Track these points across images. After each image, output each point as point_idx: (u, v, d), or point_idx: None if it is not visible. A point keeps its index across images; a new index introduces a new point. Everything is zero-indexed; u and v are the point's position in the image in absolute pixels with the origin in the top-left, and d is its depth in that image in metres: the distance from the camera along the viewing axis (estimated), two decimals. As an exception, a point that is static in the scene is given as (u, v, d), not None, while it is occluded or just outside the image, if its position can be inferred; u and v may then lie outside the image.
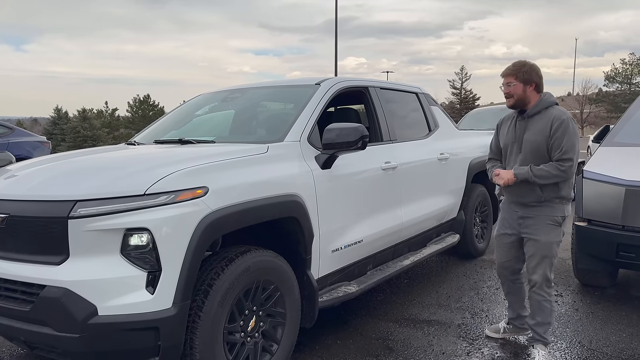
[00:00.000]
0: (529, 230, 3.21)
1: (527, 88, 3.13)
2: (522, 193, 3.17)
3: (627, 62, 55.99)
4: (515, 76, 3.13)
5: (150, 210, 2.38)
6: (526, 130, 3.16)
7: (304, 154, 3.25)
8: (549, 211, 3.15)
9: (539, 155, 3.09)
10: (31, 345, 2.58)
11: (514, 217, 3.29)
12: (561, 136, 3.02)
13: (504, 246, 3.41)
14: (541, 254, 3.17)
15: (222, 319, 2.60)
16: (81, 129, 37.10)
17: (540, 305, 3.23)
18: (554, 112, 3.11)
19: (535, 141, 3.10)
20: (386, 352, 3.40)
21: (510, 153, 3.26)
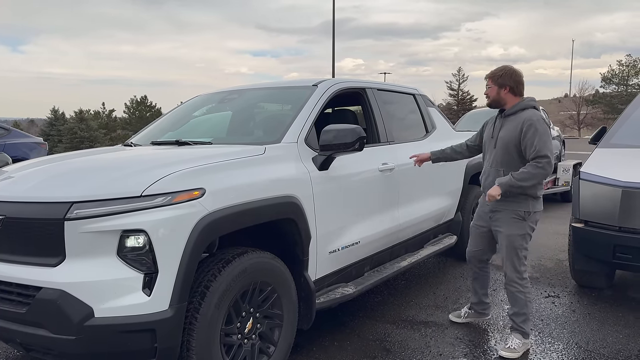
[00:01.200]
0: (497, 224, 3.48)
1: (501, 91, 3.44)
2: (490, 186, 3.41)
3: (624, 64, 56.16)
4: (492, 79, 3.48)
5: (146, 211, 2.37)
6: (502, 128, 3.45)
7: (301, 156, 3.25)
8: (514, 206, 3.37)
9: (507, 151, 3.38)
10: (27, 347, 2.56)
11: (486, 210, 3.56)
12: (532, 136, 3.24)
13: (476, 236, 3.71)
14: (506, 244, 3.41)
15: (219, 321, 2.59)
16: (78, 130, 37.01)
17: (514, 296, 3.45)
18: (526, 114, 3.35)
19: (505, 138, 3.38)
20: (383, 354, 3.40)
21: (488, 148, 3.58)
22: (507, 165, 3.37)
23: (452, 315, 3.95)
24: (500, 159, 3.41)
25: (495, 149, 3.45)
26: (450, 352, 3.40)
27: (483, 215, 3.61)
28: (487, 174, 3.51)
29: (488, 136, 3.58)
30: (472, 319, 3.89)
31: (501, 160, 3.41)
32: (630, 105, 5.30)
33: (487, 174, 3.52)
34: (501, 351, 3.36)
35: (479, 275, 3.81)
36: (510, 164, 3.35)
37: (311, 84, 3.86)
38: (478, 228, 3.69)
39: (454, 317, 3.93)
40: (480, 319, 3.89)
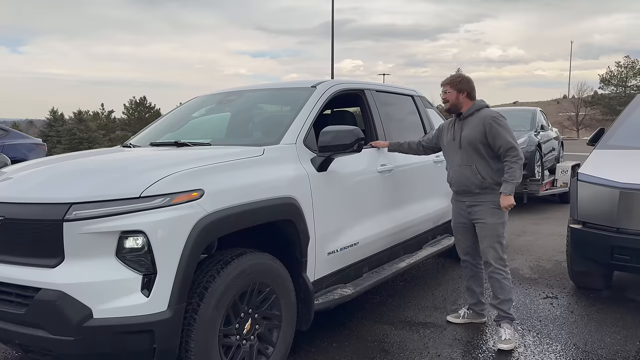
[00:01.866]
0: (477, 216, 3.66)
1: (459, 95, 3.67)
2: (466, 182, 3.64)
3: (622, 65, 56.28)
4: (450, 85, 3.69)
5: (145, 212, 2.38)
6: (463, 129, 3.66)
7: (300, 157, 3.26)
8: (492, 197, 3.59)
9: (474, 148, 3.59)
10: (26, 348, 2.56)
11: (463, 207, 3.74)
12: (497, 132, 3.51)
13: (462, 234, 3.85)
14: (489, 233, 3.60)
15: (217, 322, 2.59)
16: (77, 131, 36.93)
17: (501, 283, 3.61)
18: (484, 113, 3.63)
19: (470, 137, 3.60)
20: (382, 355, 3.40)
21: (450, 150, 3.76)
22: (477, 161, 3.60)
23: (451, 317, 3.96)
24: (469, 156, 3.61)
25: (462, 148, 3.64)
26: (449, 353, 3.41)
27: (461, 212, 3.78)
28: (460, 172, 3.67)
29: (449, 139, 3.75)
30: (470, 319, 3.91)
31: (470, 157, 3.61)
32: (628, 107, 5.32)
33: (458, 172, 3.68)
34: (500, 345, 3.45)
35: (475, 272, 3.90)
36: (479, 159, 3.59)
37: (310, 85, 3.86)
38: (461, 225, 3.83)
39: (452, 318, 3.95)
40: (478, 320, 3.91)
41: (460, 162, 3.67)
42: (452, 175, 3.76)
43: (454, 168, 3.73)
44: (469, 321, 3.90)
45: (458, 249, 3.95)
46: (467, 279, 3.95)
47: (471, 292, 3.94)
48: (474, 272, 3.90)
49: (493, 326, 3.85)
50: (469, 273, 3.93)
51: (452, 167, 3.77)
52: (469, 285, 3.94)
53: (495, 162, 3.60)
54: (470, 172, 3.61)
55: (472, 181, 3.62)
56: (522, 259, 5.76)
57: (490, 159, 3.60)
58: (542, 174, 9.18)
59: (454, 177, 3.75)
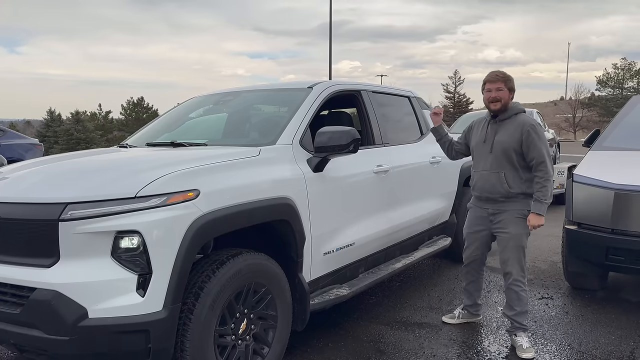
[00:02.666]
0: (500, 225, 3.49)
1: (511, 95, 3.45)
2: (491, 190, 3.46)
3: (619, 67, 56.46)
4: (504, 82, 3.42)
5: (141, 212, 2.38)
6: (497, 133, 3.45)
7: (296, 157, 3.27)
8: (518, 205, 3.43)
9: (506, 155, 3.40)
10: (21, 348, 2.56)
11: (484, 214, 3.58)
12: (533, 143, 3.33)
13: (476, 241, 3.69)
14: (513, 244, 3.46)
15: (213, 322, 2.60)
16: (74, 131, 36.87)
17: (519, 295, 3.50)
18: (523, 118, 3.43)
19: (505, 142, 3.39)
20: (377, 355, 3.41)
21: (479, 153, 3.56)
22: (507, 169, 3.41)
23: (446, 318, 3.96)
24: (499, 163, 3.42)
25: (492, 153, 3.45)
26: (444, 354, 3.42)
27: (481, 219, 3.61)
28: (486, 178, 3.48)
29: (479, 141, 3.56)
30: (465, 319, 3.91)
31: (500, 164, 3.42)
32: (624, 108, 5.35)
33: (485, 178, 3.49)
34: (524, 354, 3.35)
35: (477, 278, 3.84)
36: (510, 167, 3.40)
37: (306, 86, 3.87)
38: (477, 233, 3.66)
39: (447, 319, 3.94)
40: (473, 320, 3.92)
41: (488, 167, 3.47)
42: (477, 180, 3.57)
43: (480, 173, 3.53)
44: (464, 321, 3.90)
45: (466, 254, 3.79)
46: (467, 282, 3.88)
47: (468, 294, 3.90)
48: (475, 277, 3.83)
49: (489, 327, 3.86)
50: (469, 278, 3.85)
51: (477, 171, 3.57)
52: (467, 287, 3.89)
53: (525, 172, 3.42)
54: (498, 180, 3.42)
55: (497, 189, 3.44)
56: (518, 259, 5.77)
57: (521, 169, 3.41)
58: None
59: (478, 183, 3.55)
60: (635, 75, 56.16)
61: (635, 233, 3.86)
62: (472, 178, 3.63)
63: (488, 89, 3.47)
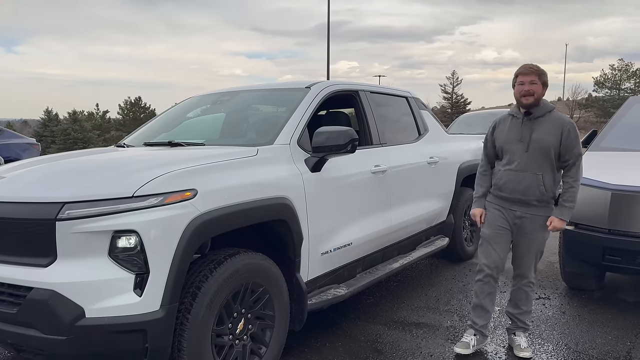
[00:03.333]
0: (527, 230, 3.29)
1: (544, 91, 3.24)
2: (526, 191, 3.21)
3: (616, 68, 56.65)
4: (538, 76, 3.20)
5: (138, 212, 2.38)
6: (533, 130, 3.21)
7: (294, 157, 3.27)
8: (545, 211, 3.26)
9: (545, 154, 3.18)
10: (18, 348, 2.56)
11: (510, 215, 3.31)
12: (574, 143, 3.20)
13: (500, 244, 3.33)
14: (536, 250, 3.34)
15: (210, 322, 2.60)
16: (71, 131, 36.85)
17: (528, 295, 3.43)
18: (560, 116, 3.26)
19: (545, 140, 3.17)
20: (375, 355, 3.41)
21: (513, 152, 3.26)
22: (545, 169, 3.19)
23: (459, 348, 3.38)
24: (537, 162, 3.18)
25: (528, 152, 3.19)
26: (441, 353, 3.42)
27: (505, 221, 3.32)
28: (521, 179, 3.21)
29: (512, 139, 3.26)
30: (480, 345, 3.44)
31: (538, 164, 3.18)
32: (621, 109, 5.37)
33: (519, 178, 3.22)
34: (522, 353, 3.34)
35: (494, 289, 3.42)
36: (548, 167, 3.20)
37: (304, 86, 3.87)
38: (501, 232, 3.33)
39: (461, 349, 3.37)
40: (484, 343, 3.49)
41: (523, 167, 3.20)
42: (507, 179, 3.26)
43: (512, 172, 3.24)
44: (479, 347, 3.44)
45: (486, 260, 3.36)
46: (483, 296, 3.39)
47: (483, 312, 3.41)
48: (493, 289, 3.40)
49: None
50: (487, 290, 3.38)
51: (509, 171, 3.26)
52: (483, 303, 3.39)
53: (557, 174, 3.25)
54: (535, 181, 3.18)
55: (533, 191, 3.19)
56: (515, 260, 5.78)
57: (556, 170, 3.23)
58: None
59: (510, 183, 3.25)
60: (632, 76, 56.38)
61: (633, 233, 3.87)
62: (499, 177, 3.32)
63: (521, 82, 3.21)
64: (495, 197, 3.40)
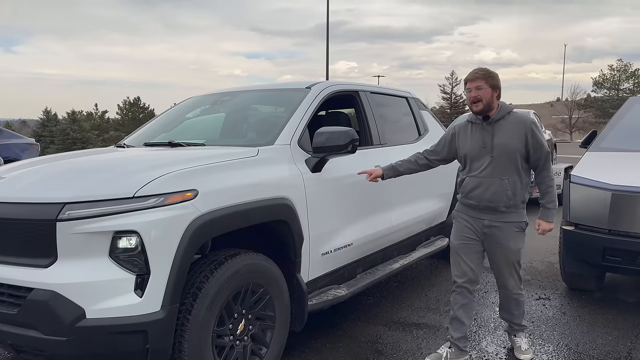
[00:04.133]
0: (498, 240, 3.16)
1: (494, 93, 3.13)
2: (493, 197, 3.11)
3: (615, 68, 56.73)
4: (485, 80, 3.11)
5: (139, 213, 2.37)
6: (495, 134, 3.12)
7: (294, 158, 3.26)
8: (516, 217, 3.16)
9: (510, 158, 3.09)
10: (18, 348, 2.55)
11: (479, 225, 3.19)
12: (539, 142, 3.11)
13: (468, 255, 3.22)
14: (513, 260, 3.22)
15: (210, 322, 2.59)
16: (70, 131, 36.77)
17: (518, 302, 3.39)
18: (519, 116, 3.17)
19: (509, 144, 3.09)
20: (375, 356, 3.41)
21: (476, 158, 3.17)
22: (510, 174, 3.10)
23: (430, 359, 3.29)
24: (502, 167, 3.09)
25: (493, 157, 3.10)
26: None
27: (474, 230, 3.21)
28: (487, 185, 3.11)
29: (475, 145, 3.17)
30: (454, 359, 3.28)
31: (503, 169, 3.09)
32: (621, 110, 5.36)
33: (486, 184, 3.12)
34: (522, 356, 3.34)
35: (469, 300, 3.27)
36: (513, 172, 3.11)
37: (304, 87, 3.87)
38: (469, 245, 3.22)
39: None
40: (463, 358, 3.29)
41: (488, 173, 3.10)
42: (473, 186, 3.16)
43: (478, 178, 3.14)
44: None
45: (457, 272, 3.27)
46: (457, 307, 3.27)
47: (459, 324, 3.27)
48: (467, 300, 3.26)
49: (486, 327, 3.86)
50: (461, 301, 3.26)
51: (473, 177, 3.17)
52: (458, 315, 3.26)
53: (525, 177, 3.15)
54: (501, 186, 3.08)
55: (500, 197, 3.08)
56: (515, 260, 5.77)
57: (523, 172, 3.13)
58: (536, 176, 9.23)
59: (475, 190, 3.15)
60: (631, 77, 56.47)
61: (633, 234, 3.87)
62: (465, 184, 3.22)
63: (468, 89, 3.16)
64: (463, 205, 3.28)
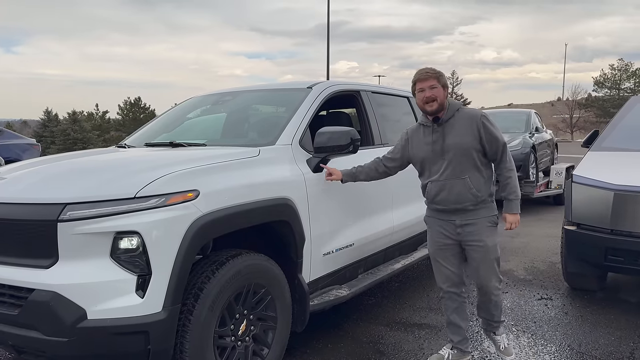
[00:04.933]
0: (472, 237, 3.06)
1: (445, 92, 3.05)
2: (458, 198, 3.02)
3: (616, 68, 56.70)
4: (437, 79, 3.02)
5: (140, 213, 2.37)
6: (446, 135, 3.02)
7: (296, 158, 3.25)
8: (486, 212, 3.06)
9: (467, 156, 2.99)
10: (19, 349, 2.55)
11: (450, 227, 3.10)
12: (492, 134, 3.00)
13: (448, 259, 3.17)
14: (490, 257, 3.07)
15: (212, 323, 2.58)
16: (71, 131, 36.78)
17: (497, 303, 3.22)
18: (468, 111, 3.07)
19: (461, 142, 2.99)
20: (377, 356, 3.40)
21: (429, 162, 3.09)
22: (470, 172, 3.01)
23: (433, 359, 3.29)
24: (460, 167, 3.00)
25: (447, 159, 3.00)
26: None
27: (447, 233, 3.12)
28: (449, 188, 3.02)
29: (426, 149, 3.08)
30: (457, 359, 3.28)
31: (461, 169, 3.00)
32: (622, 109, 5.35)
33: (447, 187, 3.02)
34: (506, 358, 3.27)
35: (460, 303, 3.25)
36: (472, 169, 3.01)
37: (305, 86, 3.86)
38: (446, 249, 3.15)
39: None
40: (466, 359, 3.29)
41: (448, 175, 3.02)
42: (436, 191, 3.07)
43: (438, 183, 3.05)
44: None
45: (440, 278, 3.23)
46: (450, 312, 3.26)
47: (456, 328, 3.26)
48: (458, 303, 3.24)
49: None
50: (451, 305, 3.24)
51: (433, 182, 3.08)
52: (452, 319, 3.26)
53: (486, 170, 3.08)
54: (463, 186, 2.99)
55: (466, 197, 3.00)
56: (517, 260, 5.78)
57: (483, 167, 3.04)
58: (537, 175, 9.24)
59: (439, 194, 3.06)
60: (632, 76, 56.43)
61: (635, 234, 3.86)
62: (429, 190, 3.11)
63: (420, 89, 3.02)
64: (432, 211, 3.19)
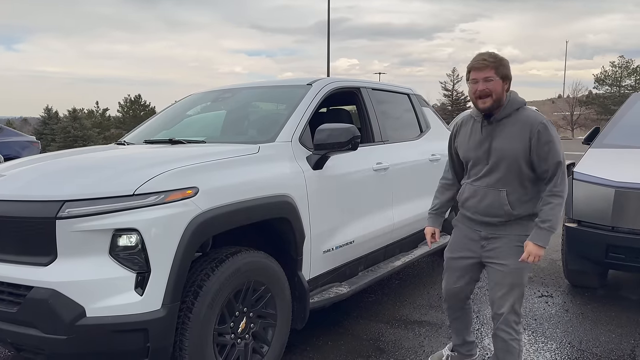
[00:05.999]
0: (494, 254, 2.65)
1: (505, 86, 2.55)
2: (488, 210, 2.62)
3: (617, 65, 56.56)
4: (495, 70, 2.50)
5: (139, 210, 2.36)
6: (494, 137, 2.58)
7: (296, 155, 3.24)
8: (520, 229, 2.58)
9: (509, 166, 2.54)
10: (18, 347, 2.54)
11: (475, 237, 2.72)
12: (550, 148, 2.49)
13: (457, 270, 2.85)
14: (510, 281, 2.61)
15: (212, 321, 2.58)
16: (71, 129, 36.77)
17: (508, 346, 2.66)
18: (528, 114, 2.57)
19: (508, 149, 2.53)
20: (377, 353, 3.39)
21: (476, 164, 2.67)
22: (510, 184, 2.56)
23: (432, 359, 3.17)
24: (501, 176, 2.56)
25: (490, 164, 2.59)
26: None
27: (470, 242, 2.76)
28: (482, 196, 2.63)
29: (471, 146, 2.67)
30: None
31: (503, 180, 2.57)
32: (623, 106, 5.34)
33: (480, 195, 2.64)
34: None
35: (461, 313, 3.00)
36: (516, 182, 2.56)
37: (305, 83, 3.85)
38: (462, 260, 2.81)
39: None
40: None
41: (485, 182, 2.61)
42: (467, 195, 2.71)
43: (471, 186, 2.69)
44: None
45: (445, 285, 2.95)
46: (451, 320, 3.05)
47: (455, 332, 3.08)
48: (459, 314, 3.00)
49: (489, 325, 3.84)
50: (452, 315, 3.01)
51: (470, 184, 2.71)
52: (452, 325, 3.10)
53: (533, 188, 2.57)
54: (498, 199, 2.56)
55: (496, 212, 2.59)
56: (517, 257, 5.76)
57: (529, 184, 2.55)
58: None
59: (471, 200, 2.69)
60: (633, 73, 56.28)
61: (636, 231, 3.85)
62: (461, 192, 2.80)
63: (474, 79, 2.54)
64: (461, 216, 2.83)
